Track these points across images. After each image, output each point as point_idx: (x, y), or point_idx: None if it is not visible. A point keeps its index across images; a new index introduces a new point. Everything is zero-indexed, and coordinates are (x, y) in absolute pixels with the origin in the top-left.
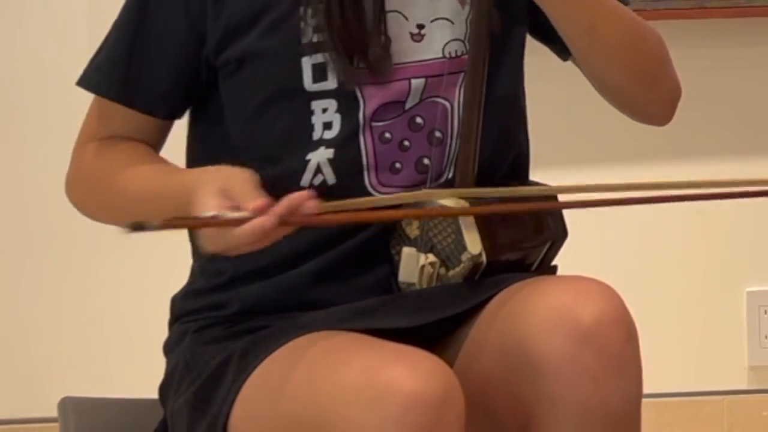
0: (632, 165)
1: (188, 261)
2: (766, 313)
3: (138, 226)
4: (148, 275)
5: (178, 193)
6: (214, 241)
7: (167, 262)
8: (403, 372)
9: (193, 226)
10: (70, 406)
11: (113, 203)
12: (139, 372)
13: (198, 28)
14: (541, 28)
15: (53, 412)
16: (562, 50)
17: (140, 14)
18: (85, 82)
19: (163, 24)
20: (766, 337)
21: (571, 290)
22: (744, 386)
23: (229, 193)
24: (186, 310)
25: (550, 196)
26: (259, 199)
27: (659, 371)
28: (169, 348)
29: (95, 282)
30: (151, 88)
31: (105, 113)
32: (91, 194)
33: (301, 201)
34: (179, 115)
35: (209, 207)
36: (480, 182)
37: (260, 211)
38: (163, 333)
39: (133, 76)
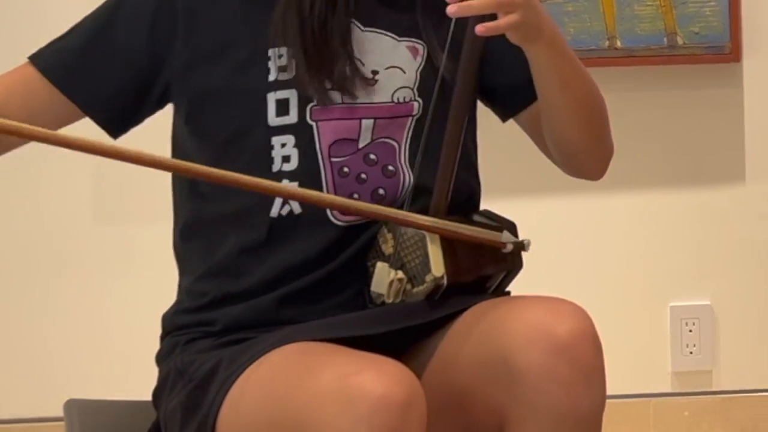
0: (574, 194)
1: (175, 284)
2: (686, 325)
3: None
4: (144, 294)
5: None
6: None
7: (159, 284)
8: (372, 377)
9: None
10: (74, 408)
11: None
12: (137, 378)
13: (158, 50)
14: (489, 88)
15: (58, 412)
16: (503, 110)
17: (108, 19)
18: (37, 59)
19: (124, 35)
20: (686, 346)
21: (548, 309)
22: (668, 390)
23: None
24: (176, 326)
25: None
26: None
27: None
28: (161, 358)
29: (100, 299)
30: (91, 87)
31: (31, 84)
32: None
33: None
34: (113, 126)
35: None
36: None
37: None
38: (158, 344)
39: (78, 71)
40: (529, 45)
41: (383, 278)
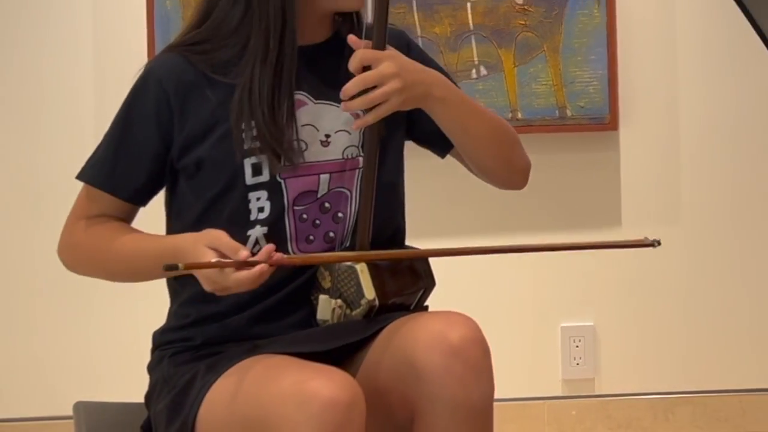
0: (485, 237)
1: (166, 307)
2: (574, 341)
3: (170, 267)
4: (139, 315)
5: (172, 250)
6: (214, 282)
7: (151, 307)
8: (322, 383)
9: (209, 266)
10: (82, 409)
11: (106, 263)
12: (133, 383)
13: (165, 136)
14: (421, 135)
15: (65, 412)
16: (439, 150)
17: (124, 125)
18: (82, 176)
19: (141, 133)
20: (574, 358)
21: (444, 320)
22: (559, 394)
23: (218, 247)
24: (163, 342)
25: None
26: (245, 250)
27: (501, 382)
28: (151, 368)
29: (104, 318)
30: (130, 181)
31: (93, 198)
32: (84, 258)
33: (271, 250)
34: (146, 202)
35: (207, 257)
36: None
37: (264, 257)
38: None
39: (117, 172)
40: (422, 107)
41: (326, 308)
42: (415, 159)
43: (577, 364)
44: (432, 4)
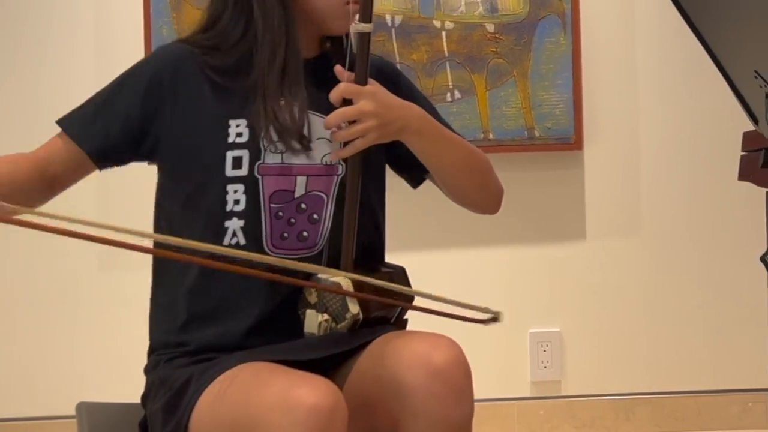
0: (458, 249)
1: None
2: (541, 346)
3: None
4: (136, 323)
5: None
6: None
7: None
8: (306, 390)
9: None
10: (84, 409)
11: None
12: (132, 385)
13: (147, 110)
14: (397, 163)
15: (69, 412)
16: (413, 180)
17: (114, 88)
18: (61, 122)
19: (126, 99)
20: (541, 362)
21: (429, 342)
22: (528, 395)
23: None
24: (159, 345)
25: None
26: None
27: (474, 384)
28: (147, 371)
29: (106, 323)
30: (97, 138)
31: (56, 141)
32: None
33: None
34: (102, 165)
35: None
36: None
37: None
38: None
39: (90, 127)
40: (400, 138)
41: (313, 321)
42: (394, 176)
43: (545, 367)
44: (409, 32)
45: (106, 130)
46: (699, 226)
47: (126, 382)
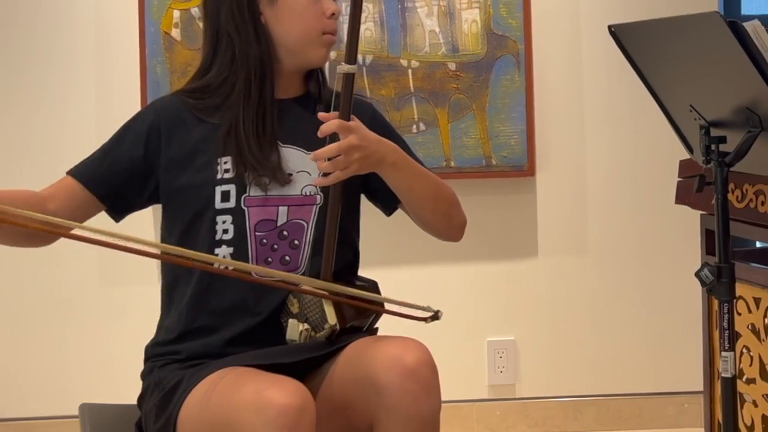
0: (424, 265)
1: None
2: (498, 353)
3: None
4: (139, 330)
5: None
6: None
7: (143, 324)
8: (277, 392)
9: None
10: (86, 409)
11: None
12: (129, 388)
13: (149, 156)
14: (372, 192)
15: (72, 412)
16: (386, 208)
17: (117, 138)
18: (71, 170)
19: (129, 147)
20: (498, 367)
21: (401, 345)
22: (486, 396)
23: None
24: (153, 354)
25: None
26: None
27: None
28: (143, 375)
29: (108, 332)
30: (105, 181)
31: (66, 182)
32: None
33: None
34: (115, 207)
35: None
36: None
37: None
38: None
39: (97, 172)
40: (377, 171)
41: (295, 330)
42: (366, 202)
43: (501, 372)
44: (379, 70)
45: (111, 174)
46: (640, 244)
47: (122, 386)
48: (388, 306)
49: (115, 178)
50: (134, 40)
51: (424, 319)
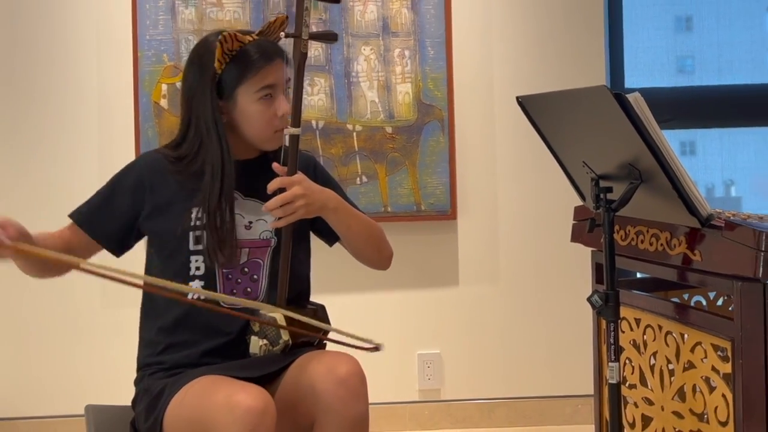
0: (363, 292)
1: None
2: (426, 364)
3: None
4: (135, 343)
5: None
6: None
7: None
8: (244, 395)
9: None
10: (91, 410)
11: None
12: (129, 392)
13: (136, 205)
14: (318, 230)
15: (75, 411)
16: (328, 240)
17: (110, 188)
18: (72, 214)
19: (119, 198)
20: (426, 375)
21: (335, 359)
22: (416, 399)
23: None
24: (144, 364)
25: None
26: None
27: (377, 391)
28: (136, 382)
29: (110, 341)
30: (102, 227)
31: (72, 229)
32: None
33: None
34: (116, 249)
35: None
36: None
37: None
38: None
39: (94, 219)
40: (320, 214)
41: (256, 345)
42: (316, 240)
43: (429, 379)
44: (329, 133)
45: (107, 221)
46: (542, 275)
47: (121, 391)
48: (339, 337)
49: (111, 224)
50: (130, 108)
51: (368, 350)
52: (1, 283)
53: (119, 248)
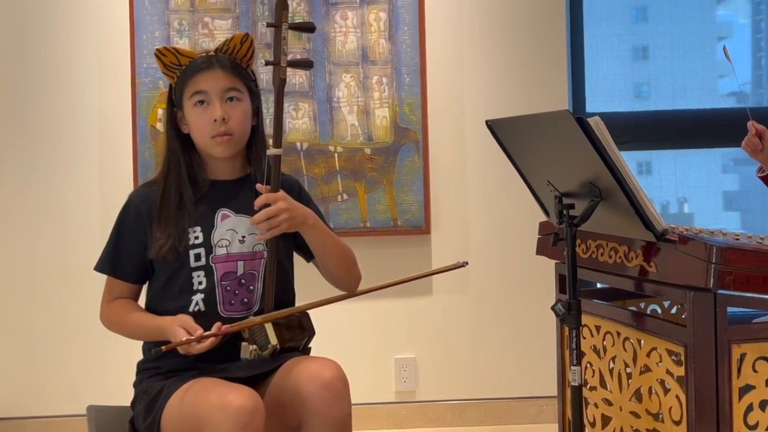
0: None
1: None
2: (402, 367)
3: (157, 352)
4: (134, 348)
5: (159, 329)
6: (185, 349)
7: (140, 344)
8: (235, 396)
9: (180, 344)
10: (92, 410)
11: (124, 332)
12: (129, 394)
13: (143, 237)
14: (298, 246)
15: (77, 411)
16: (306, 257)
17: (118, 232)
18: (96, 266)
19: (129, 237)
20: (402, 378)
21: (319, 364)
22: (393, 400)
23: (185, 326)
24: (143, 368)
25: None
26: (200, 329)
27: (357, 392)
28: (135, 384)
29: (111, 347)
30: (126, 267)
31: (109, 284)
32: (113, 328)
33: (219, 326)
34: (143, 281)
35: (179, 334)
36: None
37: (211, 335)
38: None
39: (115, 262)
40: (300, 230)
41: (246, 350)
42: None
43: (405, 381)
44: (312, 154)
45: (126, 261)
46: (509, 285)
47: (121, 392)
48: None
49: (130, 264)
50: (128, 131)
51: (457, 267)
52: (8, 288)
53: (142, 281)
